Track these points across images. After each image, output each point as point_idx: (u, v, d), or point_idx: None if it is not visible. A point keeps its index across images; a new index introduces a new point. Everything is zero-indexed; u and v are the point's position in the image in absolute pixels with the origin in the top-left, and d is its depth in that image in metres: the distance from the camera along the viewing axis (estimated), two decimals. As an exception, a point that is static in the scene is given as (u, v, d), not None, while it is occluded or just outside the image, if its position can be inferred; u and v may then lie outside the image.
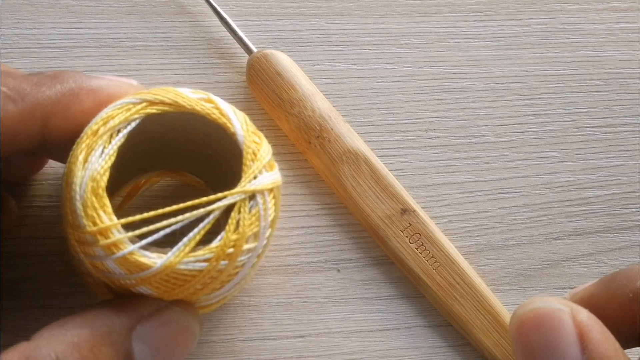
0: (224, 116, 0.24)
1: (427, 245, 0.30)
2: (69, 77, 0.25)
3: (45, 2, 0.32)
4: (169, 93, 0.24)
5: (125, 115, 0.24)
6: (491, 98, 0.32)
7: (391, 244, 0.30)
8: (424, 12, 0.33)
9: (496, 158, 0.32)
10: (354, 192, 0.29)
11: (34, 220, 0.30)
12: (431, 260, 0.29)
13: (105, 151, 0.23)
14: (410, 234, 0.29)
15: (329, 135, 0.29)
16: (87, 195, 0.22)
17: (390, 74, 0.32)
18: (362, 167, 0.30)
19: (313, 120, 0.29)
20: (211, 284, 0.23)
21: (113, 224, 0.22)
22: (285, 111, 0.30)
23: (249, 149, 0.24)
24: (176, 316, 0.23)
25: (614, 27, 0.33)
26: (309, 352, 0.30)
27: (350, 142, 0.30)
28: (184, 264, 0.22)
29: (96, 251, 0.22)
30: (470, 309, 0.29)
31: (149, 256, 0.22)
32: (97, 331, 0.21)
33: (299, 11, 0.32)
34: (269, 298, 0.30)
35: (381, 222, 0.29)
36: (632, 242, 0.32)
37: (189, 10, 0.32)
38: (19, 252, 0.29)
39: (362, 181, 0.29)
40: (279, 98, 0.30)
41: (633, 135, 0.32)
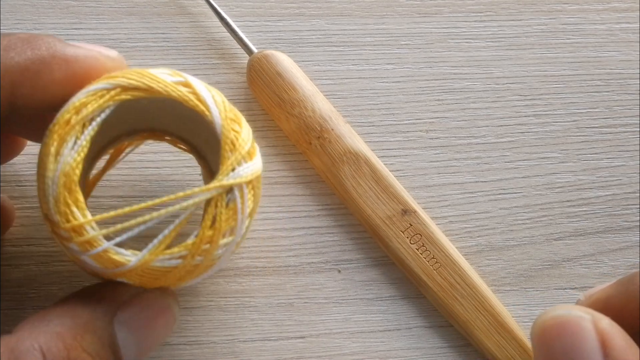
0: (201, 102, 0.23)
1: (428, 245, 0.29)
2: (43, 42, 0.23)
3: (46, 3, 0.32)
4: (143, 77, 0.23)
5: (99, 103, 0.23)
6: (492, 98, 0.32)
7: (392, 245, 0.29)
8: (425, 12, 0.33)
9: (497, 159, 0.32)
10: (354, 193, 0.29)
11: (34, 221, 0.30)
12: (432, 261, 0.29)
13: (78, 142, 0.22)
14: (411, 234, 0.29)
15: (329, 136, 0.29)
16: (60, 190, 0.22)
17: (391, 75, 0.32)
18: (362, 167, 0.29)
19: (313, 120, 0.29)
20: (187, 276, 0.23)
21: (86, 221, 0.22)
22: (285, 112, 0.30)
23: (227, 138, 0.23)
24: (156, 299, 0.23)
25: (614, 28, 0.33)
26: (310, 353, 0.30)
27: (351, 143, 0.30)
28: (159, 262, 0.22)
29: (72, 246, 0.22)
30: (471, 309, 0.29)
31: (123, 253, 0.22)
32: (79, 320, 0.21)
33: (300, 12, 0.32)
34: (269, 299, 0.30)
35: (382, 223, 0.29)
36: (633, 242, 0.32)
37: (189, 10, 0.32)
38: (18, 253, 0.29)
39: (362, 182, 0.29)
40: (280, 99, 0.30)
41: (634, 136, 0.32)
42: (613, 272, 0.31)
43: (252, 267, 0.30)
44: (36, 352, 0.20)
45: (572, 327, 0.20)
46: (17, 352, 0.20)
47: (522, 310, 0.31)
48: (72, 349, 0.21)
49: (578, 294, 0.31)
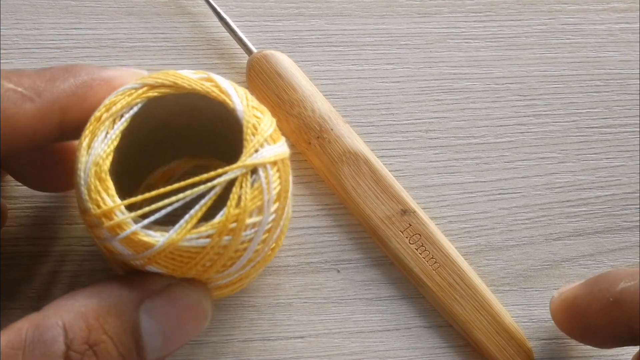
0: (223, 93, 0.24)
1: (427, 246, 0.29)
2: (81, 69, 0.25)
3: (45, 3, 0.32)
4: (169, 76, 0.24)
5: (127, 100, 0.24)
6: (491, 99, 0.32)
7: (391, 245, 0.29)
8: (424, 12, 0.33)
9: (496, 159, 0.32)
10: (353, 193, 0.29)
11: (34, 221, 0.30)
12: (431, 261, 0.29)
13: (108, 135, 0.24)
14: (410, 234, 0.29)
15: (328, 136, 0.29)
16: (91, 180, 0.23)
17: (390, 75, 0.32)
18: (362, 167, 0.30)
19: (313, 120, 0.29)
20: (219, 261, 0.23)
21: (116, 206, 0.23)
22: (285, 111, 0.30)
23: (249, 123, 0.24)
24: (186, 292, 0.24)
25: (613, 28, 0.33)
26: (309, 353, 0.30)
27: (350, 143, 0.30)
28: (186, 241, 0.22)
29: (103, 233, 0.23)
30: (470, 309, 0.29)
31: (151, 235, 0.23)
32: (105, 302, 0.22)
33: (299, 12, 0.32)
34: (268, 299, 0.30)
35: (381, 223, 0.29)
36: (632, 242, 0.32)
37: (189, 10, 0.32)
38: (18, 253, 0.29)
39: (362, 182, 0.29)
40: (279, 98, 0.30)
41: (633, 136, 0.32)
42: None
43: (251, 267, 0.30)
44: (59, 329, 0.21)
45: None
46: (41, 328, 0.21)
47: (521, 311, 0.31)
48: (93, 329, 0.21)
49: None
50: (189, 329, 0.24)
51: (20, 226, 0.30)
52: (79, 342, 0.21)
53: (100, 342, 0.21)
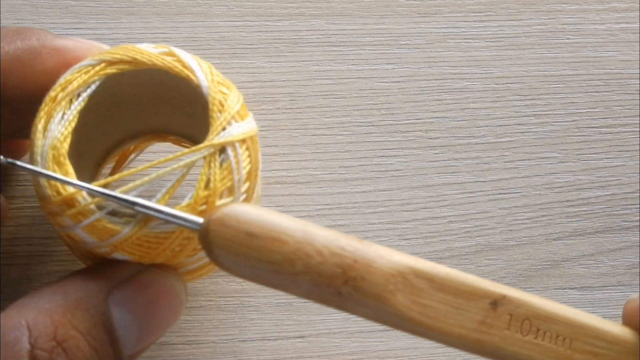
0: (186, 68, 0.23)
1: (544, 326, 0.22)
2: (32, 33, 0.23)
3: (45, 3, 0.32)
4: (128, 51, 0.23)
5: (84, 78, 0.23)
6: (491, 98, 0.32)
7: (505, 352, 0.22)
8: (424, 12, 0.33)
9: (496, 158, 0.32)
10: (426, 320, 0.21)
11: (33, 221, 0.30)
12: (559, 341, 0.22)
13: (65, 117, 0.22)
14: (517, 326, 0.22)
15: (357, 272, 0.21)
16: (49, 165, 0.22)
17: (390, 75, 0.32)
18: (417, 285, 0.21)
19: (328, 264, 0.21)
20: (189, 245, 0.22)
21: (77, 192, 0.21)
22: (288, 276, 0.21)
23: (215, 99, 0.23)
24: (157, 278, 0.22)
25: (614, 28, 0.33)
26: (309, 353, 0.30)
27: (387, 263, 0.21)
28: (154, 227, 0.21)
29: (65, 221, 0.22)
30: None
31: (117, 221, 0.21)
32: (71, 296, 0.21)
33: (299, 12, 0.32)
34: (269, 298, 0.30)
35: (479, 334, 0.22)
36: (633, 242, 0.32)
37: (188, 10, 0.32)
38: (18, 253, 0.29)
39: (426, 301, 0.21)
40: (271, 263, 0.20)
41: (633, 136, 0.32)
42: (612, 272, 0.31)
43: (251, 267, 0.30)
44: (22, 329, 0.20)
45: None
46: (3, 329, 0.20)
47: (522, 310, 0.31)
48: (60, 326, 0.20)
49: (577, 294, 0.31)
50: (164, 316, 0.22)
51: (19, 226, 0.30)
52: (45, 339, 0.20)
53: (69, 338, 0.20)
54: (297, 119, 0.32)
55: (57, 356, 0.20)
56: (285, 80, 0.32)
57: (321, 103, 0.32)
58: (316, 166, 0.31)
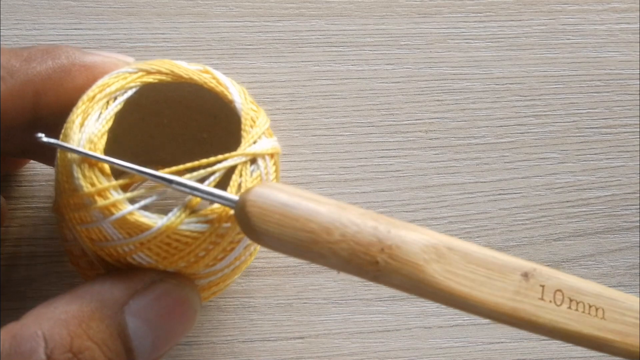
0: (221, 85, 0.24)
1: (577, 296, 0.23)
2: (62, 52, 0.24)
3: (45, 3, 0.32)
4: (165, 64, 0.24)
5: (122, 83, 0.23)
6: (491, 99, 0.32)
7: (542, 320, 0.22)
8: (424, 13, 0.33)
9: (496, 159, 0.32)
10: (463, 289, 0.22)
11: (34, 222, 0.30)
12: (592, 310, 0.23)
13: (102, 115, 0.23)
14: (551, 296, 0.22)
15: (393, 241, 0.21)
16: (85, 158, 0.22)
17: (390, 75, 0.32)
18: (451, 257, 0.22)
19: (364, 233, 0.21)
20: (213, 251, 0.22)
21: (111, 184, 0.22)
22: (326, 245, 0.21)
23: (248, 115, 0.24)
24: (172, 289, 0.22)
25: (614, 28, 0.33)
26: (309, 354, 0.30)
27: (420, 236, 0.22)
28: (185, 224, 0.22)
29: (93, 215, 0.22)
30: None
31: (149, 216, 0.22)
32: (86, 307, 0.21)
33: (299, 12, 0.32)
34: (268, 299, 0.30)
35: (515, 303, 0.22)
36: (633, 243, 0.32)
37: (188, 11, 0.32)
38: (19, 254, 0.29)
39: (461, 272, 0.22)
40: (309, 233, 0.21)
41: (633, 136, 0.32)
42: (612, 273, 0.31)
43: (251, 268, 0.30)
44: (38, 339, 0.20)
45: None
46: (18, 339, 0.20)
47: (521, 311, 0.31)
48: (76, 337, 0.20)
49: (577, 294, 0.31)
50: (179, 327, 0.22)
51: (20, 226, 0.30)
52: (61, 350, 0.20)
53: (85, 349, 0.20)
54: (297, 119, 0.32)
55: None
56: (285, 80, 0.32)
57: (321, 104, 0.32)
58: (316, 167, 0.31)
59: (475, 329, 0.30)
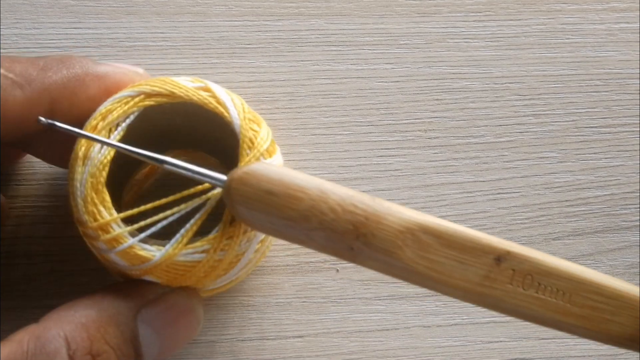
0: (220, 105, 0.24)
1: (545, 280, 0.23)
2: (76, 62, 0.25)
3: (45, 2, 0.32)
4: (166, 84, 0.25)
5: (124, 109, 0.24)
6: (490, 98, 0.32)
7: (507, 305, 0.23)
8: (423, 12, 0.33)
9: (495, 158, 0.32)
10: (433, 274, 0.23)
11: (33, 220, 0.30)
12: (559, 295, 0.23)
13: (105, 146, 0.24)
14: (520, 280, 0.23)
15: (368, 228, 0.22)
16: (87, 192, 0.23)
17: (390, 74, 0.32)
18: (425, 240, 0.23)
19: (341, 221, 0.22)
20: (214, 272, 0.24)
21: (112, 219, 0.23)
22: (303, 232, 0.23)
23: (245, 137, 0.24)
24: (180, 300, 0.24)
25: (613, 28, 0.33)
26: (308, 352, 0.30)
27: (397, 220, 0.23)
28: (182, 256, 0.23)
29: (100, 245, 0.23)
30: (629, 322, 0.23)
31: (148, 249, 0.23)
32: (104, 312, 0.22)
33: (299, 11, 0.32)
34: (268, 298, 0.30)
35: (482, 288, 0.23)
36: (632, 242, 0.32)
37: (188, 10, 0.32)
38: (18, 252, 0.29)
39: (434, 256, 0.23)
40: (287, 219, 0.22)
41: (632, 136, 0.32)
42: (611, 272, 0.31)
43: (250, 267, 0.30)
44: (61, 340, 0.21)
45: None
46: (42, 340, 0.21)
47: (520, 310, 0.31)
48: (95, 340, 0.22)
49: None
50: (183, 335, 0.24)
51: (20, 226, 0.30)
52: (82, 352, 0.21)
53: (102, 353, 0.22)
54: (296, 118, 0.32)
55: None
56: (285, 79, 0.32)
57: (320, 103, 0.32)
58: (315, 166, 0.31)
59: (474, 327, 0.30)
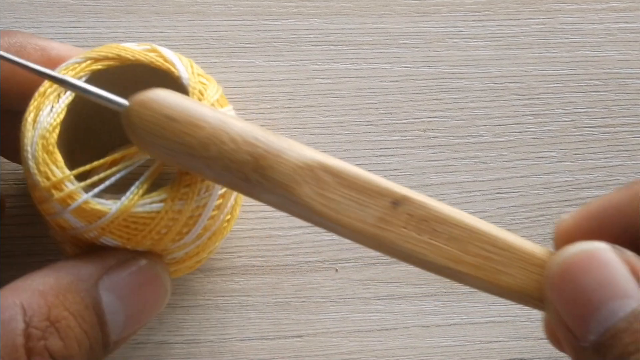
0: (167, 62, 0.25)
1: (440, 227, 0.23)
2: (19, 33, 0.25)
3: (44, 1, 0.32)
4: (112, 48, 0.25)
5: (72, 74, 0.24)
6: (490, 98, 0.32)
7: (400, 249, 0.23)
8: (423, 11, 0.33)
9: (495, 158, 0.32)
10: (328, 212, 0.23)
11: (33, 220, 0.30)
12: (453, 242, 0.23)
13: (54, 109, 0.24)
14: (414, 225, 0.23)
15: (267, 161, 0.22)
16: (39, 153, 0.23)
17: (389, 74, 0.32)
18: (323, 178, 0.23)
19: (240, 152, 0.22)
20: (174, 227, 0.23)
21: (65, 176, 0.23)
22: (202, 160, 0.22)
23: (195, 89, 0.24)
24: (144, 265, 0.23)
25: (612, 27, 0.33)
26: (307, 352, 0.30)
27: (296, 156, 0.22)
28: (140, 207, 0.23)
29: (54, 207, 0.23)
30: (520, 274, 0.23)
31: (103, 203, 0.23)
32: (63, 280, 0.22)
33: (297, 10, 0.32)
34: (266, 298, 0.30)
35: (377, 229, 0.23)
36: (631, 242, 0.32)
37: (187, 9, 0.32)
38: (18, 252, 0.29)
39: (332, 194, 0.23)
40: (186, 146, 0.22)
41: (632, 136, 0.32)
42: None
43: (249, 266, 0.30)
44: (17, 308, 0.21)
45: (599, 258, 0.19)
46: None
47: (519, 310, 0.31)
48: (53, 307, 0.21)
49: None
50: (150, 303, 0.23)
51: (19, 225, 0.30)
52: (39, 319, 0.21)
53: (61, 319, 0.21)
54: (295, 118, 0.32)
55: (49, 335, 0.21)
56: (284, 79, 0.32)
57: (319, 102, 0.32)
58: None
59: (473, 327, 0.30)
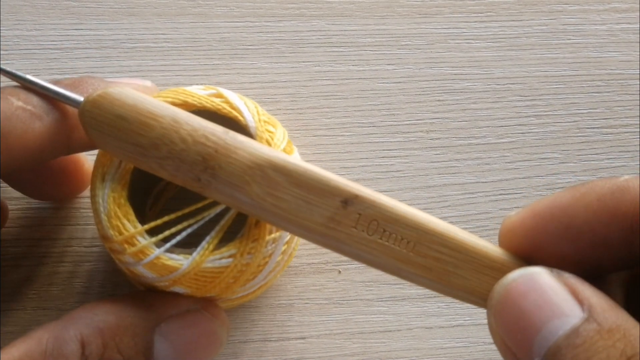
0: (234, 109, 0.25)
1: (390, 227, 0.23)
2: (88, 85, 0.25)
3: (46, 4, 0.32)
4: (178, 94, 0.25)
5: None
6: (492, 99, 0.32)
7: (349, 248, 0.23)
8: (425, 13, 0.33)
9: (497, 159, 0.32)
10: (278, 211, 0.22)
11: (34, 222, 0.30)
12: (403, 243, 0.23)
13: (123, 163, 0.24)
14: (365, 225, 0.23)
15: (216, 161, 0.22)
16: (110, 207, 0.23)
17: (391, 75, 0.32)
18: (273, 178, 0.22)
19: (190, 152, 0.22)
20: (242, 277, 0.24)
21: (137, 231, 0.23)
22: (154, 160, 0.22)
23: (262, 139, 0.24)
24: (203, 320, 0.24)
25: (614, 28, 0.33)
26: (311, 354, 0.30)
27: (247, 156, 0.22)
28: (210, 262, 0.23)
29: (127, 259, 0.23)
30: (471, 275, 0.23)
31: (175, 258, 0.23)
32: (123, 321, 0.23)
33: (300, 12, 0.32)
34: (270, 299, 0.30)
35: (326, 229, 0.23)
36: (634, 243, 0.32)
37: (189, 11, 0.32)
38: (19, 254, 0.29)
39: (281, 194, 0.22)
40: (138, 147, 0.22)
41: (634, 137, 0.32)
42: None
43: (252, 268, 0.30)
44: (77, 342, 0.22)
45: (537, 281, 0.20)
46: (60, 340, 0.21)
47: (523, 311, 0.31)
48: (108, 348, 0.22)
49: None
50: (202, 355, 0.24)
51: (20, 227, 0.30)
52: (95, 358, 0.22)
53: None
54: (298, 119, 0.32)
55: None
56: (286, 81, 0.32)
57: (322, 104, 0.32)
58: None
59: (476, 329, 0.30)
